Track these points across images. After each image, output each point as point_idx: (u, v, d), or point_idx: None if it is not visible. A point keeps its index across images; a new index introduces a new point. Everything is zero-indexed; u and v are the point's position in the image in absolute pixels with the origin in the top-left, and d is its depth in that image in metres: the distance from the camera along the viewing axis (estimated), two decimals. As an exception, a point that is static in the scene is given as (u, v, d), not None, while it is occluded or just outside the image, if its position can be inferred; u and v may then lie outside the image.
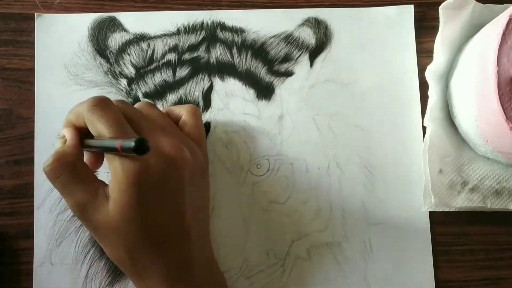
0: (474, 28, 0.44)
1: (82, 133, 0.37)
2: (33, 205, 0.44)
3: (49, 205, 0.44)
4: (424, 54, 0.46)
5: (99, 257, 0.44)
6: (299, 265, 0.44)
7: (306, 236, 0.44)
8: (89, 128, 0.35)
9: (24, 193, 0.44)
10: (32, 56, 0.45)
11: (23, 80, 0.45)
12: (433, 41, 0.45)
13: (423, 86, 0.45)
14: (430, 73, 0.44)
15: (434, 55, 0.44)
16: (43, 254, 0.43)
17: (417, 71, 0.46)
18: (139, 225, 0.34)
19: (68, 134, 0.36)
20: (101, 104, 0.35)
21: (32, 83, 0.45)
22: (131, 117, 0.36)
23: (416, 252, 0.44)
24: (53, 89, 0.45)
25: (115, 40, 0.46)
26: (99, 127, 0.34)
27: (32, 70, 0.45)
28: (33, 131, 0.45)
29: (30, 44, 0.45)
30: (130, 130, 0.35)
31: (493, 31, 0.38)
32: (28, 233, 0.44)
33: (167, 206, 0.35)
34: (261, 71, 0.46)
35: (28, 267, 0.43)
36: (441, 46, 0.44)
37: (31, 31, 0.46)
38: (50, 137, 0.44)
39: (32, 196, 0.44)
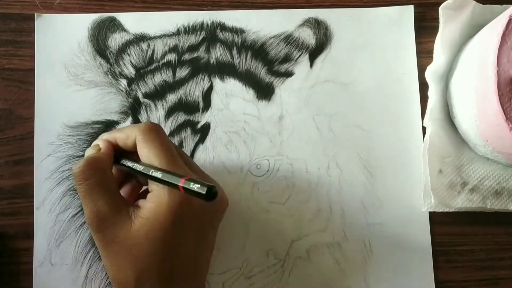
0: (474, 28, 0.44)
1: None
2: (33, 205, 0.44)
3: (49, 205, 0.44)
4: (424, 55, 0.46)
5: (99, 257, 0.44)
6: (299, 265, 0.44)
7: (306, 236, 0.44)
8: (140, 150, 0.35)
9: (24, 193, 0.44)
10: (32, 56, 0.45)
11: (23, 80, 0.45)
12: (433, 41, 0.45)
13: (423, 86, 0.45)
14: (430, 73, 0.44)
15: (434, 55, 0.44)
16: (43, 254, 0.43)
17: (417, 72, 0.46)
18: (160, 250, 0.34)
19: (102, 143, 0.37)
20: (157, 129, 0.36)
21: (32, 83, 0.45)
22: (178, 152, 0.37)
23: (416, 252, 0.44)
24: (53, 89, 0.45)
25: (115, 40, 0.46)
26: (152, 151, 0.35)
27: (32, 70, 0.45)
28: (33, 131, 0.45)
29: (30, 44, 0.45)
30: (181, 162, 0.36)
31: (493, 31, 0.38)
32: (28, 233, 0.44)
33: (196, 240, 0.36)
34: (261, 71, 0.46)
35: (28, 267, 0.43)
36: (441, 46, 0.44)
37: (31, 31, 0.46)
38: (49, 137, 0.44)
39: (32, 196, 0.44)
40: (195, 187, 0.31)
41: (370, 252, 0.44)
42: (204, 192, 0.31)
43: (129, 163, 0.36)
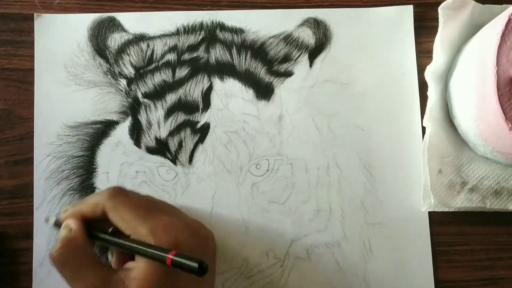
0: (473, 28, 0.44)
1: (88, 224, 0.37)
2: (32, 205, 0.44)
3: (48, 205, 0.44)
4: (424, 55, 0.46)
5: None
6: (298, 265, 0.44)
7: (305, 236, 0.44)
8: (111, 216, 0.36)
9: (24, 193, 0.44)
10: (31, 56, 0.45)
11: (23, 80, 0.45)
12: (433, 41, 0.45)
13: (423, 86, 0.45)
14: (430, 73, 0.44)
15: (434, 55, 0.44)
16: (42, 254, 0.43)
17: (416, 72, 0.46)
18: None
19: (73, 223, 0.36)
20: (121, 191, 0.37)
21: (31, 83, 0.45)
22: (149, 201, 0.39)
23: (416, 252, 0.44)
24: (52, 89, 0.45)
25: (115, 40, 0.46)
26: (124, 213, 0.35)
27: (31, 70, 0.45)
28: (33, 131, 0.45)
29: (30, 44, 0.45)
30: (157, 211, 0.36)
31: (492, 31, 0.38)
32: (27, 233, 0.44)
33: (196, 283, 0.36)
34: (261, 71, 0.46)
35: (27, 267, 0.43)
36: (440, 46, 0.44)
37: (31, 31, 0.46)
38: (49, 137, 0.44)
39: (32, 196, 0.44)
40: (183, 262, 0.31)
41: (370, 252, 0.44)
42: (194, 268, 0.31)
43: (113, 239, 0.36)
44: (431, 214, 0.45)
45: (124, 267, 0.35)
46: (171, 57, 0.45)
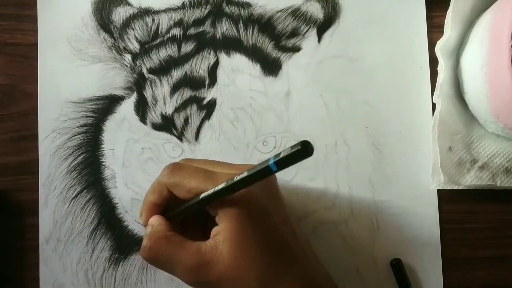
0: (487, 1, 0.43)
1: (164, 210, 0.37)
2: (37, 182, 0.44)
3: (54, 182, 0.44)
4: (435, 29, 0.45)
5: (105, 233, 0.44)
6: (305, 243, 0.44)
7: (312, 213, 0.44)
8: (176, 192, 0.35)
9: (29, 169, 0.44)
10: (34, 31, 0.45)
11: (26, 55, 0.45)
12: (444, 15, 0.44)
13: (433, 61, 0.44)
14: (441, 48, 0.43)
15: (445, 29, 0.43)
16: (49, 230, 0.43)
17: (427, 47, 0.45)
18: (261, 252, 0.34)
19: (152, 220, 0.36)
20: (177, 165, 0.36)
21: (35, 58, 0.44)
22: (205, 163, 0.37)
23: (424, 230, 0.44)
24: (56, 64, 0.44)
25: (119, 14, 0.45)
26: (188, 182, 0.34)
27: (35, 45, 0.44)
28: (37, 107, 0.44)
29: (33, 19, 0.45)
30: (217, 170, 0.35)
31: (507, 4, 0.37)
32: (33, 210, 0.44)
33: (283, 219, 0.36)
34: (268, 46, 0.45)
35: (34, 244, 0.43)
36: (452, 20, 0.43)
37: (34, 5, 0.45)
38: (54, 113, 0.44)
39: (37, 172, 0.44)
40: (288, 150, 0.28)
41: (378, 230, 0.44)
42: (298, 149, 0.27)
43: (193, 202, 0.35)
44: (440, 192, 0.44)
45: (211, 235, 0.35)
46: (177, 31, 0.45)
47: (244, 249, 0.33)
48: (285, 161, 0.28)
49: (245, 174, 0.31)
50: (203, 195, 0.34)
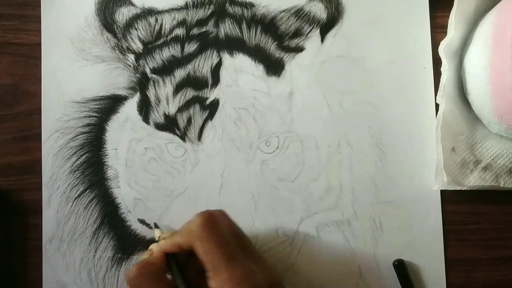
0: (490, 2, 0.43)
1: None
2: (41, 181, 0.44)
3: (57, 182, 0.44)
4: (439, 30, 0.45)
5: (108, 233, 0.44)
6: (308, 243, 0.44)
7: (315, 214, 0.44)
8: (199, 248, 0.35)
9: (32, 169, 0.44)
10: (38, 31, 0.45)
11: (30, 55, 0.45)
12: (448, 16, 0.44)
13: (437, 62, 0.44)
14: (444, 49, 0.43)
15: (449, 30, 0.43)
16: (52, 230, 0.43)
17: (430, 47, 0.45)
18: None
19: (155, 248, 0.38)
20: (212, 220, 0.36)
21: (38, 58, 0.44)
22: (235, 235, 0.37)
23: (427, 230, 0.44)
24: (60, 64, 0.44)
25: (122, 14, 0.45)
26: (212, 248, 0.35)
27: (38, 45, 0.45)
28: (40, 107, 0.44)
29: (36, 19, 0.45)
30: (238, 255, 0.35)
31: (510, 5, 0.37)
32: (36, 210, 0.44)
33: None
34: (271, 46, 0.45)
35: (37, 243, 0.43)
36: (456, 21, 0.43)
37: (37, 5, 0.45)
38: (57, 112, 0.44)
39: (40, 172, 0.44)
40: None
41: (380, 230, 0.44)
42: None
43: (179, 278, 0.37)
44: (443, 193, 0.44)
45: None
46: (180, 31, 0.45)
47: None
48: None
49: None
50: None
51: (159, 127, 0.44)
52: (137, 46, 0.45)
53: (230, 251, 0.35)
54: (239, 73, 0.44)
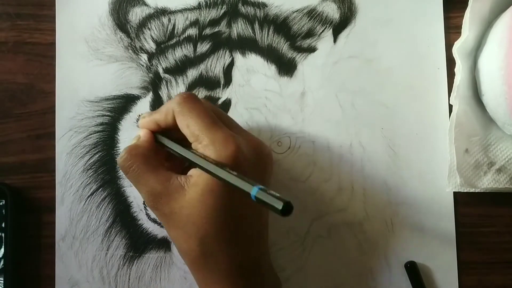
0: (506, 2, 0.42)
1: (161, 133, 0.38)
2: (54, 180, 0.44)
3: (70, 180, 0.44)
4: (452, 30, 0.45)
5: (120, 231, 0.44)
6: (319, 244, 0.44)
7: (327, 215, 0.44)
8: (178, 122, 0.36)
9: (46, 167, 0.44)
10: (53, 31, 0.45)
11: (44, 54, 0.45)
12: (462, 16, 0.43)
13: (450, 63, 0.44)
14: (458, 49, 0.42)
15: (463, 30, 0.43)
16: (65, 228, 0.44)
17: (444, 48, 0.44)
18: (218, 215, 0.34)
19: (142, 132, 0.38)
20: (191, 97, 0.36)
21: (53, 58, 0.45)
22: (216, 113, 0.38)
23: (439, 233, 0.43)
24: (74, 63, 0.45)
25: (136, 14, 0.45)
26: (190, 120, 0.35)
27: (53, 44, 0.45)
28: (54, 106, 0.45)
29: (51, 18, 0.45)
30: (220, 124, 0.36)
31: (527, 5, 0.37)
32: (50, 207, 0.44)
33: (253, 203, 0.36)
34: (283, 46, 0.45)
35: (50, 241, 0.44)
36: (470, 21, 0.42)
37: (52, 5, 0.45)
38: (71, 111, 0.44)
39: (54, 170, 0.44)
40: (268, 200, 0.29)
41: (392, 232, 0.44)
42: (279, 208, 0.28)
43: (177, 149, 0.36)
44: (456, 195, 0.44)
45: (188, 174, 0.35)
46: (193, 31, 0.45)
47: (204, 206, 0.34)
48: (263, 202, 0.29)
49: (230, 179, 0.32)
50: (190, 156, 0.35)
51: (171, 126, 0.44)
52: (150, 46, 0.45)
53: (211, 120, 0.35)
54: (251, 73, 0.45)
